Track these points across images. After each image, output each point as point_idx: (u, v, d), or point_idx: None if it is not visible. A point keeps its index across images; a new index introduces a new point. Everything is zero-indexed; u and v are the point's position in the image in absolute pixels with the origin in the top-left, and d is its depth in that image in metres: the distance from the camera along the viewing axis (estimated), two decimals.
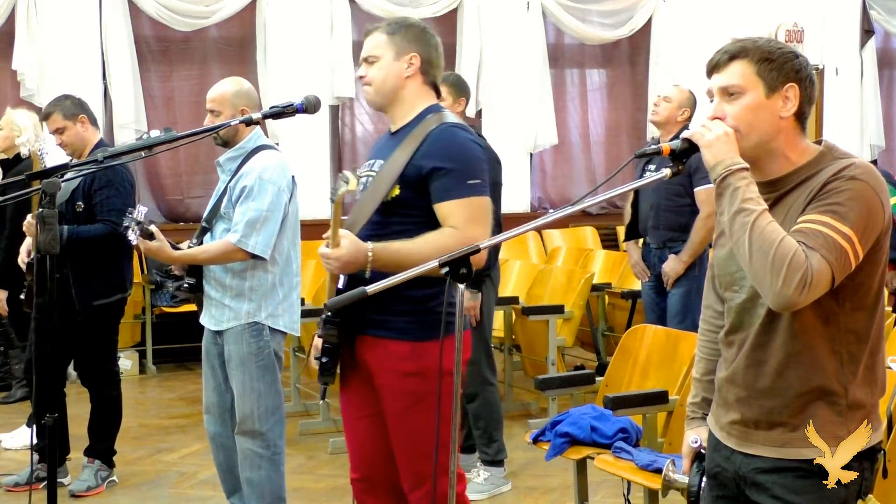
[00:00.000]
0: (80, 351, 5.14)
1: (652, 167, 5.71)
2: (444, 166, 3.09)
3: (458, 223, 3.07)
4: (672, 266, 5.78)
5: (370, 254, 3.04)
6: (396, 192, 3.13)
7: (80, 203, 4.93)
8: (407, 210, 3.13)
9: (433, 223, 3.11)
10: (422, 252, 2.96)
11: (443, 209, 3.09)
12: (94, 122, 5.16)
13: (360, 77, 3.28)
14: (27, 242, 4.99)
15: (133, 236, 4.00)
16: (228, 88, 4.25)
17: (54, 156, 5.65)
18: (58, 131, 5.06)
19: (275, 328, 4.16)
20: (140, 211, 4.03)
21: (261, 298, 4.12)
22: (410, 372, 3.15)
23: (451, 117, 3.24)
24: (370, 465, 3.35)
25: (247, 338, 4.11)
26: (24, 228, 4.83)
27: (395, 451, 3.26)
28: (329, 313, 3.14)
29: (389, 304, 3.06)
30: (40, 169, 4.66)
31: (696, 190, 5.62)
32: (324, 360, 3.22)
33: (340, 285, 3.20)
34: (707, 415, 2.59)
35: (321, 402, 5.20)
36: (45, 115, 5.12)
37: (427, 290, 3.08)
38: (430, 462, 3.15)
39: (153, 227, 4.04)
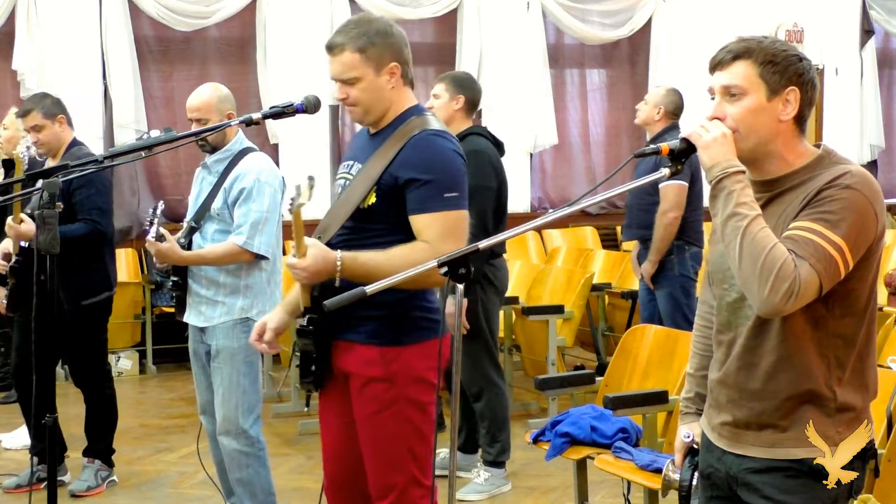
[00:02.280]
0: (71, 351, 5.11)
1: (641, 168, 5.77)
2: (420, 177, 2.98)
3: (431, 238, 2.96)
4: (644, 268, 5.86)
5: (338, 263, 2.95)
6: (372, 199, 3.03)
7: (60, 203, 4.90)
8: (381, 218, 3.05)
9: (405, 230, 3.02)
10: (392, 266, 2.82)
11: (418, 222, 2.99)
12: (70, 122, 5.11)
13: (342, 99, 3.08)
14: (5, 243, 4.94)
15: (153, 231, 4.01)
16: (212, 94, 4.27)
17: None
18: (35, 129, 5.00)
19: None
20: (161, 207, 4.09)
21: (255, 295, 4.20)
22: (377, 377, 3.07)
23: (433, 123, 3.10)
24: (342, 472, 3.24)
25: (237, 333, 4.16)
26: (7, 229, 4.72)
27: (364, 458, 3.16)
28: (302, 323, 3.10)
29: (361, 307, 2.80)
30: (23, 171, 4.61)
31: (660, 185, 5.60)
32: (307, 367, 3.16)
33: (315, 292, 3.08)
34: (700, 410, 2.60)
35: (305, 408, 5.19)
36: (23, 112, 5.04)
37: (401, 294, 2.99)
38: (398, 473, 3.10)
39: (162, 230, 4.06)
